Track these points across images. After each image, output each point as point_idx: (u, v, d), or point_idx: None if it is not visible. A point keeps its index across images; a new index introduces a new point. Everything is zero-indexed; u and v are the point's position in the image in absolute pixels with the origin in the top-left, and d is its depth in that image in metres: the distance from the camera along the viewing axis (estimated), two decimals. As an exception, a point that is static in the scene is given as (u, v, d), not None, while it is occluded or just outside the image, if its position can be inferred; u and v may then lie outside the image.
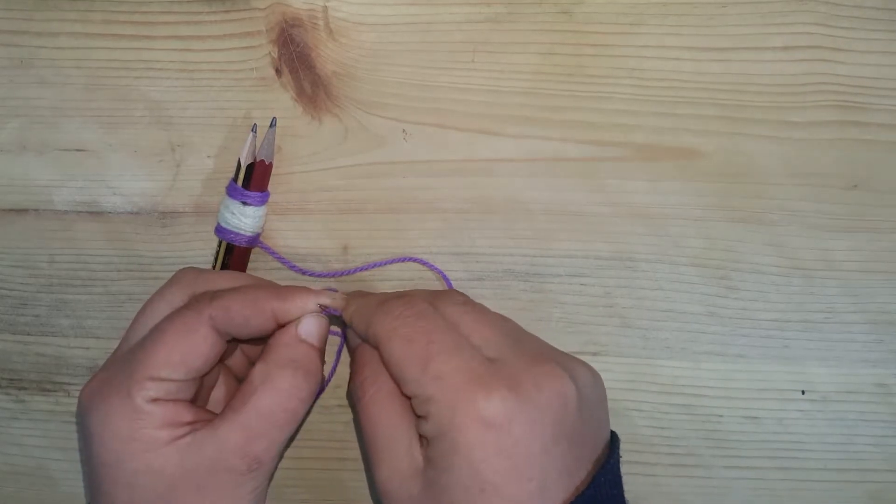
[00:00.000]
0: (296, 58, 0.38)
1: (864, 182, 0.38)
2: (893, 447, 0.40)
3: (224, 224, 0.38)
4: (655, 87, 0.37)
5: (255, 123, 0.38)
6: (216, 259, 0.39)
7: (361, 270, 0.39)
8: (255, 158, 0.38)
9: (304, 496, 0.42)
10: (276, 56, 0.38)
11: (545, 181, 0.38)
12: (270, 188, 0.39)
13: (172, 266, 0.38)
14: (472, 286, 0.39)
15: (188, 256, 0.40)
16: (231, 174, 0.38)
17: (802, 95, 0.37)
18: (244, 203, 0.38)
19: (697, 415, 0.40)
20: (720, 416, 0.40)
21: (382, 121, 0.38)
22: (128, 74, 0.39)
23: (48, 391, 0.42)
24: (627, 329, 0.39)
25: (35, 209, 0.40)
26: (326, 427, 0.41)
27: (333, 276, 0.39)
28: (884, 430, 0.39)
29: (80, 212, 0.40)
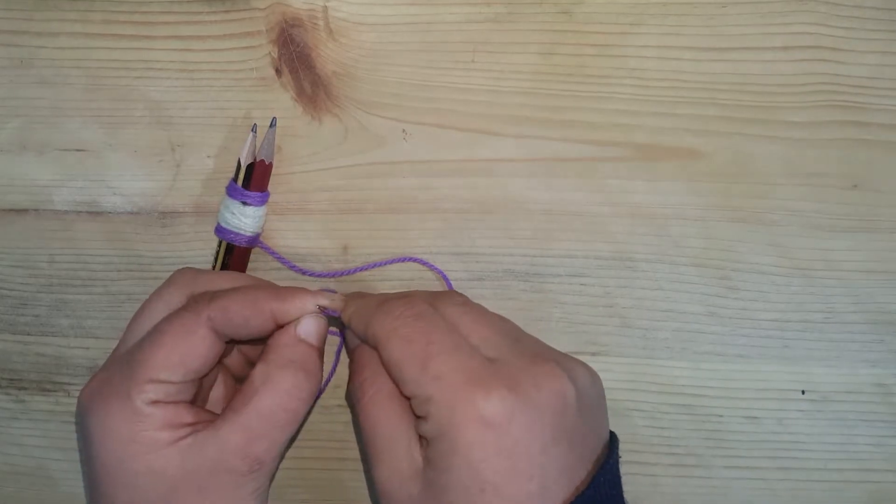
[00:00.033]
0: (296, 58, 0.38)
1: (864, 182, 0.38)
2: (893, 447, 0.40)
3: (224, 224, 0.38)
4: (656, 87, 0.37)
5: (255, 123, 0.38)
6: (216, 259, 0.39)
7: (361, 270, 0.39)
8: (255, 158, 0.38)
9: (304, 496, 0.42)
10: (276, 56, 0.38)
11: (545, 181, 0.38)
12: (270, 188, 0.39)
13: (172, 266, 0.38)
14: (472, 286, 0.39)
15: (188, 256, 0.40)
16: (231, 174, 0.38)
17: (802, 95, 0.37)
18: (244, 203, 0.38)
19: (697, 415, 0.40)
20: (720, 416, 0.40)
21: (382, 121, 0.38)
22: (128, 74, 0.39)
23: (48, 391, 0.42)
24: (627, 329, 0.39)
25: (35, 209, 0.40)
26: (326, 427, 0.41)
27: (333, 276, 0.39)
28: (884, 430, 0.39)
29: (80, 212, 0.40)
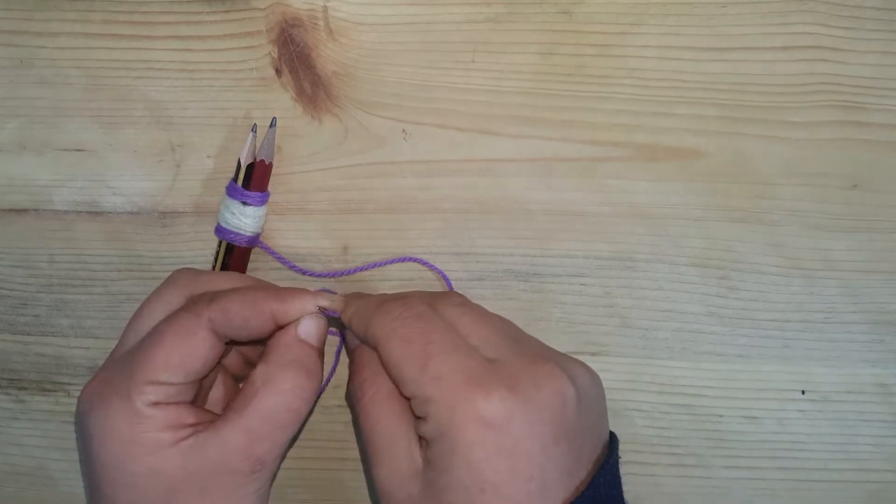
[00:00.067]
0: (296, 58, 0.38)
1: (864, 182, 0.38)
2: (893, 447, 0.40)
3: (224, 224, 0.38)
4: (656, 87, 0.37)
5: (255, 123, 0.38)
6: (216, 259, 0.39)
7: (361, 270, 0.39)
8: (255, 158, 0.38)
9: (304, 496, 0.42)
10: (276, 56, 0.38)
11: (545, 181, 0.38)
12: (270, 188, 0.39)
13: (172, 266, 0.38)
14: (472, 286, 0.39)
15: (188, 256, 0.40)
16: (231, 174, 0.38)
17: (802, 95, 0.37)
18: (244, 203, 0.37)
19: (697, 415, 0.40)
20: (720, 416, 0.40)
21: (382, 121, 0.38)
22: (128, 74, 0.39)
23: (48, 391, 0.42)
24: (627, 329, 0.39)
25: (35, 209, 0.40)
26: (326, 427, 0.41)
27: (333, 277, 0.39)
28: (884, 430, 0.39)
29: (80, 212, 0.40)
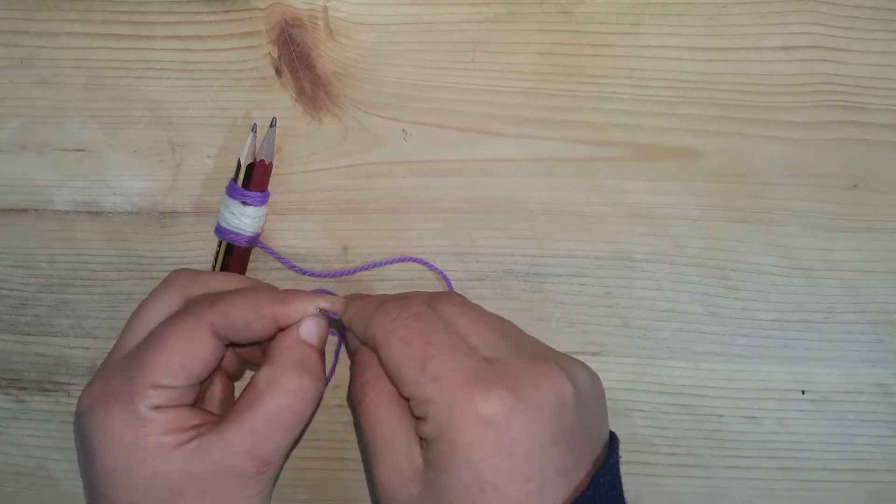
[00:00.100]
0: (296, 58, 0.38)
1: (864, 182, 0.38)
2: (893, 447, 0.40)
3: (224, 224, 0.38)
4: (655, 87, 0.37)
5: (255, 123, 0.38)
6: (216, 259, 0.39)
7: (361, 270, 0.39)
8: (255, 158, 0.38)
9: (304, 496, 0.42)
10: (276, 56, 0.38)
11: (545, 181, 0.38)
12: (270, 188, 0.39)
13: (172, 266, 0.38)
14: (472, 286, 0.39)
15: (188, 256, 0.40)
16: (231, 174, 0.38)
17: (802, 95, 0.37)
18: (244, 203, 0.37)
19: (697, 415, 0.40)
20: (720, 416, 0.40)
21: (382, 121, 0.38)
22: (128, 74, 0.39)
23: (48, 391, 0.42)
24: (627, 329, 0.39)
25: (35, 209, 0.40)
26: (327, 427, 0.41)
27: (333, 277, 0.39)
28: (884, 430, 0.39)
29: (80, 212, 0.40)
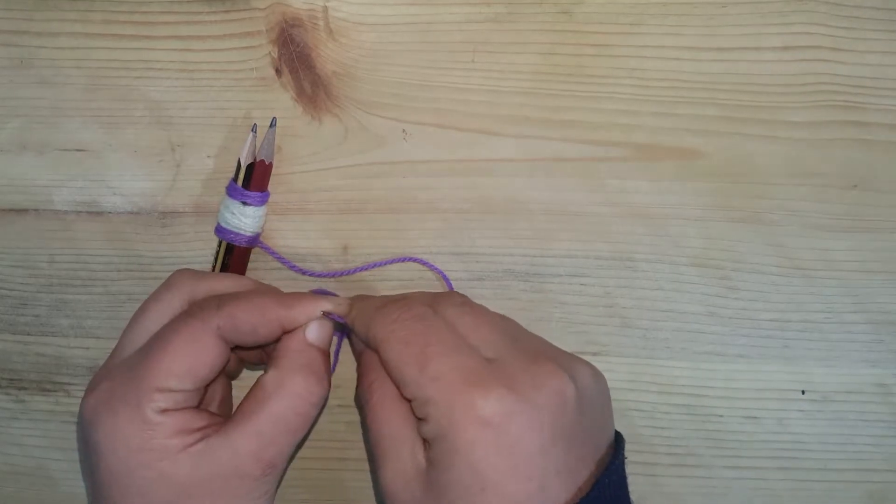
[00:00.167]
0: (296, 58, 0.38)
1: (864, 182, 0.38)
2: (893, 447, 0.40)
3: (224, 224, 0.38)
4: (655, 87, 0.37)
5: (255, 123, 0.38)
6: (216, 259, 0.39)
7: (361, 270, 0.39)
8: (255, 158, 0.38)
9: (305, 496, 0.42)
10: (276, 56, 0.38)
11: (545, 181, 0.38)
12: (270, 188, 0.39)
13: (172, 266, 0.38)
14: (472, 286, 0.39)
15: (188, 256, 0.40)
16: (231, 174, 0.38)
17: (802, 95, 0.37)
18: (244, 203, 0.37)
19: (697, 415, 0.40)
20: (720, 416, 0.40)
21: (382, 121, 0.38)
22: (128, 74, 0.39)
23: (48, 391, 0.42)
24: (627, 329, 0.39)
25: (35, 209, 0.40)
26: (327, 427, 0.41)
27: (333, 276, 0.39)
28: (884, 430, 0.39)
29: (80, 212, 0.40)
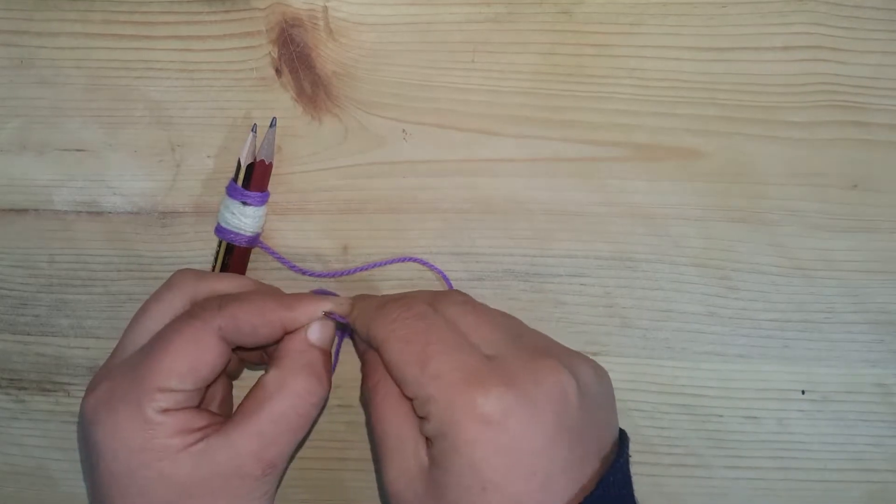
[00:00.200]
0: (296, 58, 0.38)
1: (864, 182, 0.38)
2: (893, 447, 0.40)
3: (224, 224, 0.38)
4: (655, 87, 0.37)
5: (255, 123, 0.38)
6: (216, 259, 0.39)
7: (361, 270, 0.39)
8: (255, 158, 0.38)
9: (305, 496, 0.42)
10: (276, 56, 0.38)
11: (545, 181, 0.38)
12: (270, 188, 0.39)
13: (172, 266, 0.38)
14: (472, 286, 0.39)
15: (188, 256, 0.40)
16: (231, 174, 0.38)
17: (802, 95, 0.37)
18: (244, 203, 0.37)
19: (697, 415, 0.40)
20: (720, 416, 0.40)
21: (382, 121, 0.38)
22: (128, 74, 0.39)
23: (48, 391, 0.42)
24: (627, 329, 0.39)
25: (35, 209, 0.40)
26: (327, 427, 0.41)
27: (333, 277, 0.39)
28: (884, 430, 0.39)
29: (80, 212, 0.40)
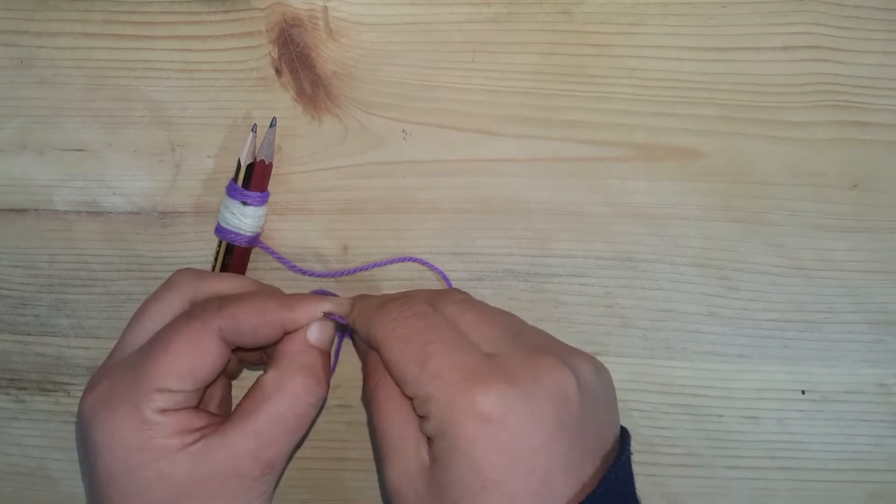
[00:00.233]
0: (296, 58, 0.38)
1: (864, 182, 0.38)
2: (893, 447, 0.40)
3: (224, 224, 0.38)
4: (655, 87, 0.37)
5: (255, 123, 0.38)
6: (216, 259, 0.39)
7: (361, 270, 0.39)
8: (255, 158, 0.38)
9: (304, 496, 0.42)
10: (276, 56, 0.38)
11: (545, 181, 0.38)
12: (270, 188, 0.39)
13: (172, 266, 0.38)
14: (472, 286, 0.39)
15: (188, 256, 0.40)
16: (231, 174, 0.38)
17: (802, 95, 0.37)
18: (244, 203, 0.37)
19: (697, 415, 0.40)
20: (720, 416, 0.40)
21: (382, 121, 0.38)
22: (128, 74, 0.39)
23: (48, 391, 0.42)
24: (627, 329, 0.39)
25: (35, 209, 0.40)
26: (327, 427, 0.41)
27: (333, 277, 0.39)
28: (884, 430, 0.39)
29: (80, 212, 0.40)
